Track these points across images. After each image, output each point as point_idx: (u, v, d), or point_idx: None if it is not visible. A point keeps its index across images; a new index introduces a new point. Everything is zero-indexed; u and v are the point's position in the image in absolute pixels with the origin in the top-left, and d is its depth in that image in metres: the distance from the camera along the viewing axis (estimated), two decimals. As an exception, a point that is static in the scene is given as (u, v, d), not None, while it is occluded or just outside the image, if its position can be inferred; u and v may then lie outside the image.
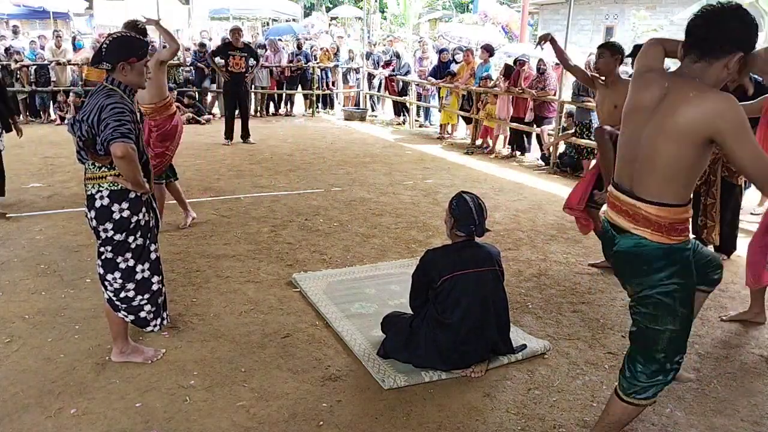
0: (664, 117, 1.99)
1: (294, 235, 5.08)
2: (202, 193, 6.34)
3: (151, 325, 3.05)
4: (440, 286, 2.91)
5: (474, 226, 2.94)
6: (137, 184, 2.74)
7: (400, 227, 5.39)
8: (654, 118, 2.02)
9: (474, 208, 2.94)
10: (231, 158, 8.27)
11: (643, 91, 2.10)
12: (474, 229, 2.94)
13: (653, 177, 2.04)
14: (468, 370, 2.98)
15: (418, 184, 7.04)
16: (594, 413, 2.73)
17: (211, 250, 4.64)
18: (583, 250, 4.92)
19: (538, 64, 8.73)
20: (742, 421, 2.71)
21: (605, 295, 4.04)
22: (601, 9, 19.15)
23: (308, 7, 33.76)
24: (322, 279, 4.09)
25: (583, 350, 3.31)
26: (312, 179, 7.13)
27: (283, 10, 22.89)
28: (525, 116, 8.77)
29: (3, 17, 19.43)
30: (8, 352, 3.09)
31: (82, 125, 2.68)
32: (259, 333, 3.38)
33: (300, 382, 2.91)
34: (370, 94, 13.49)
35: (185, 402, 2.72)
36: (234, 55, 8.99)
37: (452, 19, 27.74)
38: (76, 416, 2.60)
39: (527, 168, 8.42)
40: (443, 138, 10.61)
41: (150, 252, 2.94)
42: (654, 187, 2.05)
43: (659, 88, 2.05)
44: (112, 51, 2.72)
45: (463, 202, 2.97)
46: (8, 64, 10.73)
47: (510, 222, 5.68)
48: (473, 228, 2.94)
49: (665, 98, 2.01)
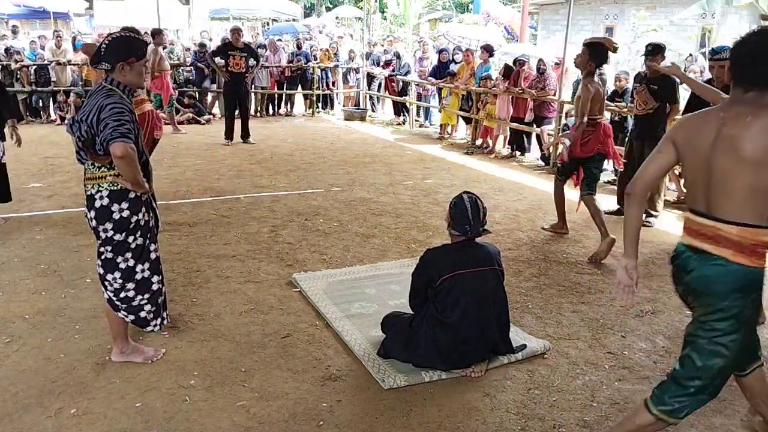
0: (731, 145, 1.97)
1: (294, 235, 5.09)
2: (202, 193, 6.34)
3: (152, 324, 3.05)
4: (440, 286, 2.91)
5: (468, 226, 2.94)
6: (137, 183, 2.74)
7: (400, 227, 5.39)
8: (719, 145, 2.01)
9: (470, 208, 2.94)
10: (231, 158, 8.27)
11: (699, 126, 2.10)
12: (468, 230, 2.94)
13: (730, 199, 2.01)
14: (468, 370, 2.99)
15: (418, 184, 7.04)
16: (594, 413, 2.73)
17: (211, 250, 4.64)
18: (583, 250, 4.92)
19: (538, 64, 8.73)
20: (742, 421, 2.71)
21: (605, 295, 4.04)
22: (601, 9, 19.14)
23: (308, 7, 33.76)
24: (322, 279, 4.09)
25: (583, 350, 3.31)
26: (312, 179, 7.13)
27: (283, 10, 22.88)
28: (525, 116, 8.77)
29: (3, 17, 19.43)
30: (8, 352, 3.09)
31: (81, 125, 2.68)
32: (259, 333, 3.38)
33: (300, 382, 2.91)
34: (370, 94, 13.49)
35: (185, 402, 2.72)
36: (234, 55, 8.98)
37: (452, 19, 27.72)
38: (76, 416, 2.60)
39: (527, 168, 8.42)
40: (443, 138, 10.61)
41: (150, 252, 2.94)
42: (732, 208, 2.01)
43: (715, 118, 2.05)
44: (111, 51, 2.72)
45: (460, 202, 2.98)
46: (8, 64, 10.73)
47: (510, 222, 5.68)
48: (468, 228, 2.94)
49: (723, 128, 2.00)
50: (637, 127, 5.81)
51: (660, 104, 5.48)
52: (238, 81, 9.10)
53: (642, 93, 5.55)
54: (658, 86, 5.43)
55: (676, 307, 3.89)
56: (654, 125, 5.52)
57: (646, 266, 4.48)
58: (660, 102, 5.47)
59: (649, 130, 5.55)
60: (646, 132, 5.58)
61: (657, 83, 5.44)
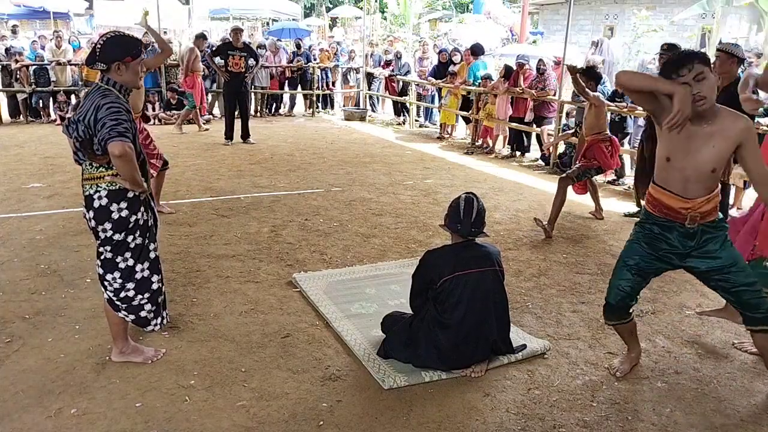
0: None
1: (294, 235, 5.09)
2: (202, 193, 6.34)
3: (152, 324, 3.05)
4: (440, 287, 2.91)
5: (459, 225, 2.94)
6: (135, 183, 2.74)
7: (400, 227, 5.39)
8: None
9: (463, 207, 2.95)
10: (231, 158, 8.27)
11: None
12: (459, 228, 2.95)
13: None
14: (468, 370, 2.99)
15: (418, 184, 7.04)
16: (594, 413, 2.73)
17: (211, 250, 4.64)
18: (583, 250, 4.92)
19: (538, 64, 8.73)
20: (742, 421, 2.71)
21: (605, 295, 4.03)
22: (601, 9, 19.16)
23: (308, 8, 33.75)
24: (322, 279, 4.09)
25: (583, 350, 3.31)
26: (312, 179, 7.13)
27: (283, 10, 22.89)
28: (525, 116, 8.77)
29: (3, 17, 19.43)
30: (8, 352, 3.09)
31: (79, 125, 2.68)
32: (259, 333, 3.38)
33: (300, 382, 2.91)
34: (370, 94, 13.49)
35: (185, 402, 2.72)
36: (234, 55, 8.98)
37: (452, 19, 27.73)
38: (76, 416, 2.60)
39: (527, 168, 8.41)
40: (443, 138, 10.61)
41: (149, 251, 2.94)
42: None
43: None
44: (107, 51, 2.71)
45: (456, 200, 3.00)
46: (8, 64, 10.73)
47: (510, 222, 5.68)
48: (458, 227, 2.95)
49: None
50: (648, 128, 5.82)
51: None
52: (237, 81, 9.09)
53: None
54: None
55: (676, 307, 3.89)
56: None
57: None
58: None
59: None
60: None
61: None
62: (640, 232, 2.83)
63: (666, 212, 2.67)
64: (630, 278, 2.84)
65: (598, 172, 5.64)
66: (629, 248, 2.86)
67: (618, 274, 2.89)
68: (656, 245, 2.76)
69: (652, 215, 2.76)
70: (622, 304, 2.92)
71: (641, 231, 2.82)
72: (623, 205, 6.39)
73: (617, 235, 5.38)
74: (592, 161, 5.44)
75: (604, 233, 5.44)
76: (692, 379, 3.06)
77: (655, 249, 2.77)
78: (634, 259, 2.82)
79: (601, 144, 5.42)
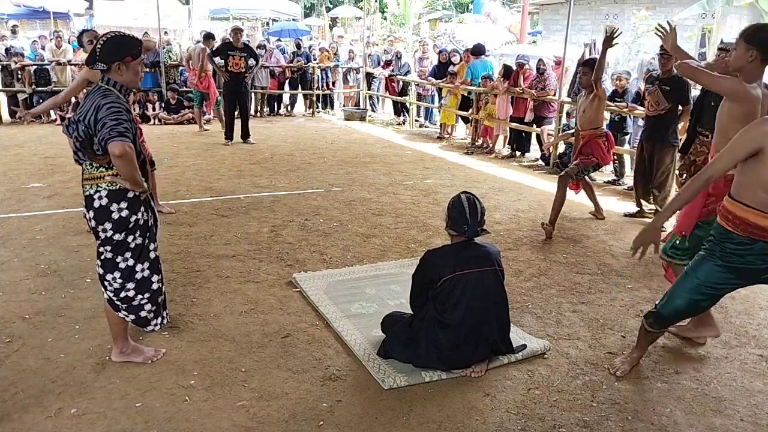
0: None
1: (294, 235, 5.09)
2: (202, 193, 6.34)
3: (152, 324, 3.05)
4: (440, 287, 2.91)
5: (466, 226, 2.94)
6: (135, 182, 2.74)
7: (400, 227, 5.39)
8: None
9: (468, 208, 2.94)
10: (231, 158, 8.27)
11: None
12: (466, 230, 2.94)
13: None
14: (468, 370, 2.99)
15: (418, 184, 7.04)
16: (594, 413, 2.73)
17: (211, 250, 4.64)
18: (583, 250, 4.93)
19: (538, 64, 8.73)
20: (741, 421, 2.72)
21: (605, 295, 4.04)
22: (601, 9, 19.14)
23: (308, 8, 33.74)
24: (322, 279, 4.09)
25: (583, 350, 3.31)
26: (312, 179, 7.13)
27: (283, 10, 22.89)
28: (525, 116, 8.77)
29: (3, 17, 19.43)
30: (8, 352, 3.09)
31: (79, 125, 2.68)
32: (259, 333, 3.38)
33: (300, 382, 2.91)
34: (370, 94, 13.48)
35: (185, 402, 2.72)
36: (233, 55, 8.98)
37: (452, 19, 27.71)
38: (76, 416, 2.60)
39: (527, 168, 8.41)
40: (443, 138, 10.61)
41: (149, 251, 2.94)
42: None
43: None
44: (107, 51, 2.71)
45: (458, 202, 2.98)
46: (8, 64, 10.73)
47: (510, 222, 5.68)
48: (465, 228, 2.94)
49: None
50: (648, 128, 5.84)
51: (672, 105, 5.52)
52: (237, 81, 9.09)
53: (654, 94, 5.58)
54: (671, 87, 5.48)
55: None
56: (665, 126, 5.58)
57: (646, 266, 4.47)
58: (672, 103, 5.51)
59: (660, 131, 5.61)
60: (657, 133, 5.64)
61: (669, 84, 5.48)
62: (716, 251, 2.71)
63: (752, 231, 2.58)
64: (702, 299, 2.78)
65: (596, 169, 5.64)
66: (704, 268, 2.74)
67: (689, 292, 2.78)
68: (734, 263, 2.67)
69: (730, 233, 2.64)
70: (675, 319, 2.91)
71: (718, 249, 2.70)
72: (623, 205, 6.39)
73: (617, 235, 5.39)
74: (590, 158, 5.42)
75: (604, 233, 5.44)
76: (692, 379, 3.06)
77: (734, 267, 2.67)
78: (711, 280, 2.72)
79: (598, 139, 5.41)
